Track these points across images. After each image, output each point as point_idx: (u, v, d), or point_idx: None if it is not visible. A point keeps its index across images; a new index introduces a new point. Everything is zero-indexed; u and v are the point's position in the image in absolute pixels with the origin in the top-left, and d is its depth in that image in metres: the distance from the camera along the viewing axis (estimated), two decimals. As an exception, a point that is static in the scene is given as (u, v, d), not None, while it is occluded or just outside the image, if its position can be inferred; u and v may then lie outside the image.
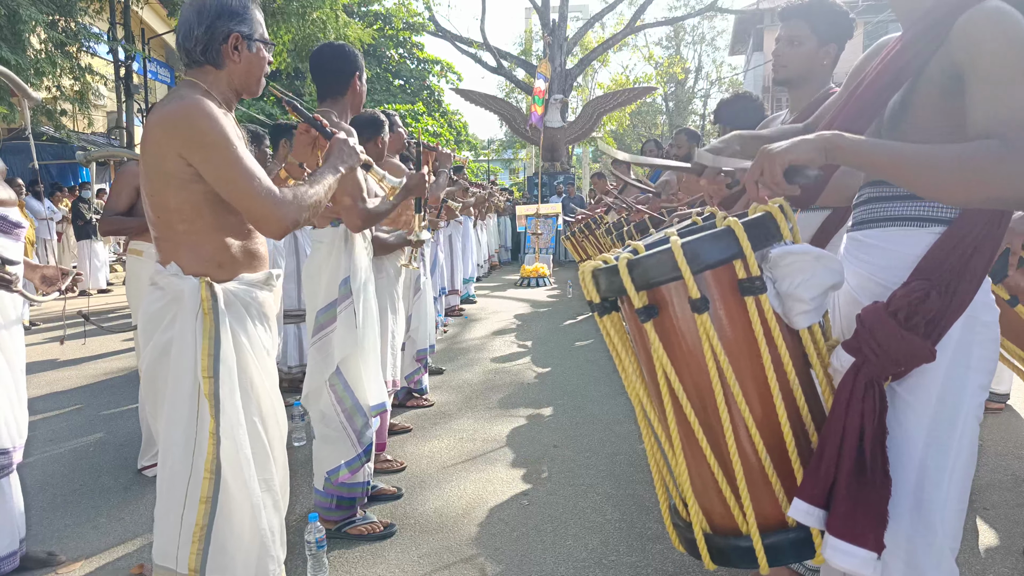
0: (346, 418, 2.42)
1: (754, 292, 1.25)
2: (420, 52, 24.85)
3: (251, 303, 1.70)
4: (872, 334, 1.22)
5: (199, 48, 1.61)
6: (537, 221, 11.12)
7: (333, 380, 2.41)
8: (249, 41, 1.65)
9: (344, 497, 2.48)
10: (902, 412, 1.27)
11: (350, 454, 2.43)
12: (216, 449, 1.56)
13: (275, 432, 1.76)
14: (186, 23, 1.62)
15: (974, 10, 1.17)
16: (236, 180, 1.52)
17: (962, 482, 1.25)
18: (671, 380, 1.31)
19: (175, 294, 1.61)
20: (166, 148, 1.54)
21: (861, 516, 1.18)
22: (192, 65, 1.65)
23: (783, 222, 1.30)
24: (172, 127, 1.53)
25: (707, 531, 1.39)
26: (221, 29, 1.61)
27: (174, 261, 1.62)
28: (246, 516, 1.62)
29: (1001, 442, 3.22)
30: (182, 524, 1.57)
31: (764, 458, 1.28)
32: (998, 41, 1.13)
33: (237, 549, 1.60)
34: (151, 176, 1.60)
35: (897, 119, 1.32)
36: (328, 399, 2.42)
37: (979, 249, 1.22)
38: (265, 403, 1.72)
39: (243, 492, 1.61)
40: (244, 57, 1.66)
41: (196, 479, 1.57)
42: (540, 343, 5.99)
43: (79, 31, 9.45)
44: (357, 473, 2.48)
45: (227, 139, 1.52)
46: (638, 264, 1.28)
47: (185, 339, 1.59)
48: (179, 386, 1.59)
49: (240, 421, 1.61)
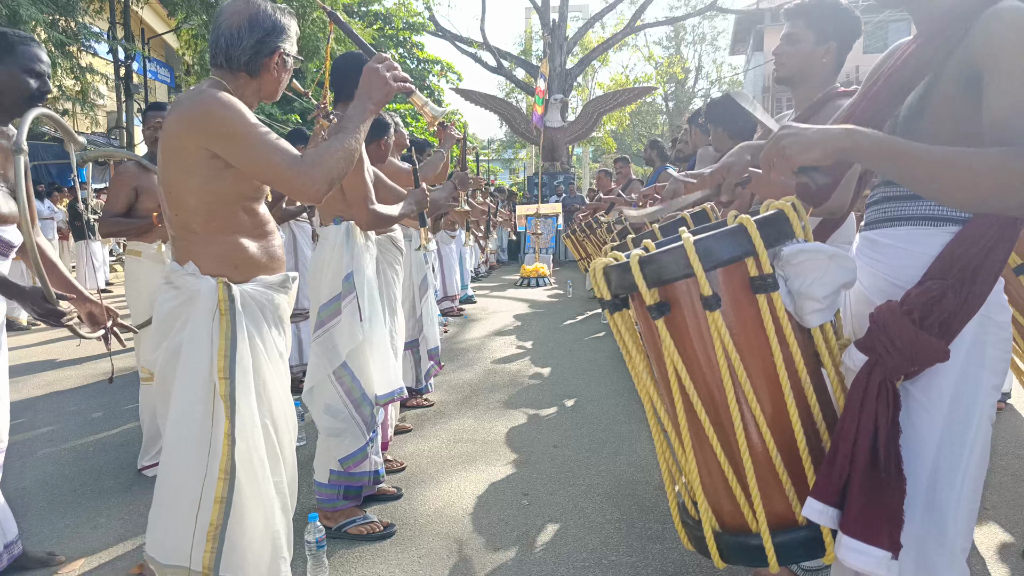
0: (355, 408, 2.46)
1: (766, 290, 1.25)
2: (420, 52, 24.84)
3: (267, 305, 1.70)
4: (887, 333, 1.22)
5: (243, 57, 1.63)
6: (537, 221, 11.13)
7: (340, 372, 2.44)
8: (287, 57, 1.72)
9: (352, 487, 2.52)
10: (915, 412, 1.26)
11: (360, 442, 2.48)
12: (231, 450, 1.57)
13: (286, 435, 1.77)
14: (235, 30, 1.62)
15: (997, 8, 1.15)
16: (261, 159, 1.53)
17: (974, 482, 1.25)
18: (682, 378, 1.31)
19: (191, 294, 1.61)
20: (187, 142, 1.55)
21: (876, 515, 1.18)
22: (224, 67, 1.66)
23: (796, 220, 1.29)
24: (194, 121, 1.54)
25: (716, 529, 1.39)
26: (270, 44, 1.65)
27: (192, 260, 1.63)
28: (259, 517, 1.62)
29: (1001, 442, 3.22)
30: (196, 523, 1.58)
31: (775, 456, 1.28)
32: (1020, 43, 1.11)
33: (249, 549, 1.61)
34: (170, 174, 1.60)
35: (912, 118, 1.31)
36: (334, 392, 2.44)
37: (994, 249, 1.21)
38: (277, 406, 1.73)
39: (256, 494, 1.61)
40: (279, 71, 1.71)
41: (211, 480, 1.57)
42: (540, 343, 5.99)
43: (79, 31, 9.45)
44: (364, 462, 2.52)
45: (247, 122, 1.54)
46: (650, 261, 1.28)
47: (199, 340, 1.59)
48: (192, 386, 1.59)
49: (256, 423, 1.62)
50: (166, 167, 1.61)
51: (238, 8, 1.64)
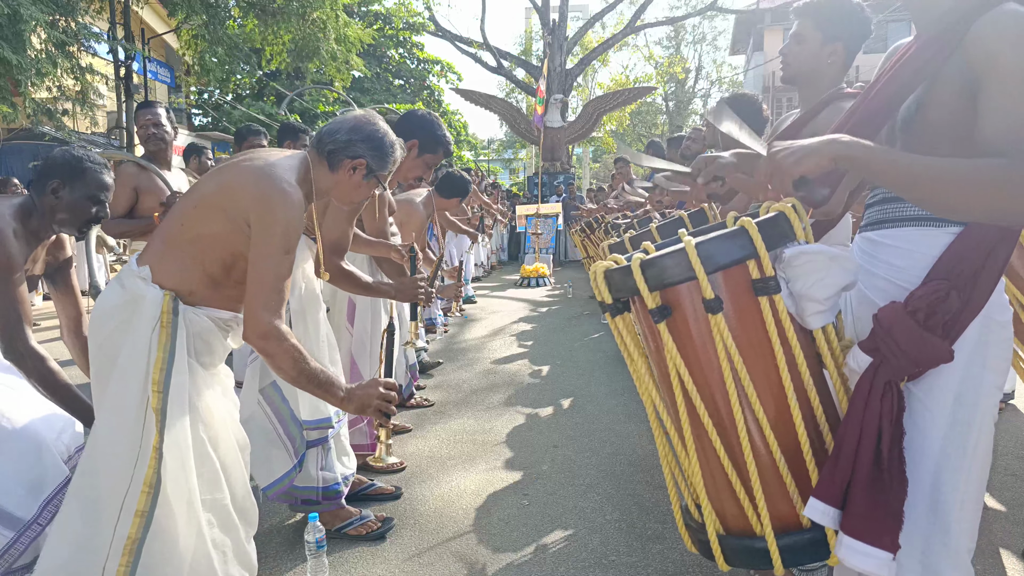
0: (283, 429, 2.34)
1: (768, 292, 1.25)
2: (420, 52, 24.84)
3: (210, 336, 1.70)
4: (891, 334, 1.22)
5: (329, 147, 1.74)
6: (537, 221, 11.12)
7: (270, 392, 2.34)
8: (369, 173, 1.79)
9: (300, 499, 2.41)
10: (918, 412, 1.26)
11: (287, 466, 2.33)
12: (158, 464, 1.53)
13: (230, 455, 1.75)
14: (341, 124, 1.76)
15: (994, 13, 1.14)
16: (264, 275, 1.57)
17: (978, 483, 1.25)
18: (684, 381, 1.31)
19: (134, 297, 1.60)
20: (242, 196, 1.59)
21: (878, 516, 1.18)
22: (315, 148, 1.77)
23: (796, 222, 1.29)
24: (264, 196, 1.58)
25: (721, 532, 1.38)
26: (356, 149, 1.75)
27: (148, 266, 1.62)
28: (189, 533, 1.58)
29: (1001, 442, 3.21)
30: (114, 535, 1.53)
31: (778, 458, 1.28)
32: (1017, 50, 1.10)
33: (169, 566, 1.56)
34: (210, 199, 1.63)
35: (910, 121, 1.31)
36: (262, 411, 2.33)
37: (996, 249, 1.21)
38: (218, 425, 1.71)
39: (185, 509, 1.57)
40: (356, 180, 1.78)
41: (134, 491, 1.53)
42: (540, 343, 5.99)
43: (79, 31, 9.45)
44: (304, 478, 2.38)
45: (288, 243, 1.59)
46: (652, 264, 1.28)
47: (137, 348, 1.56)
48: (126, 395, 1.56)
49: (187, 441, 1.58)
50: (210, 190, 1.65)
51: (359, 115, 1.79)
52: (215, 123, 19.52)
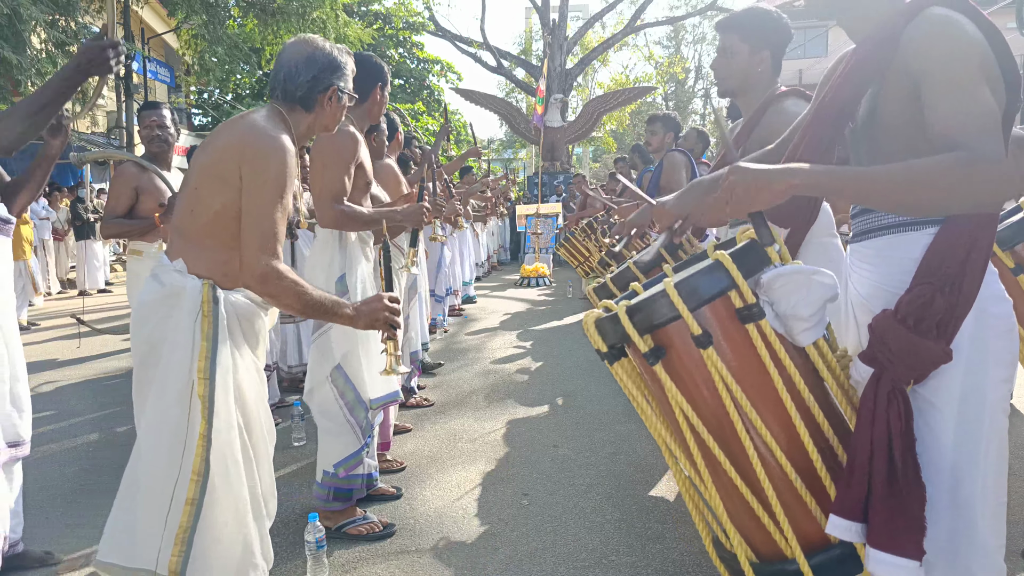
0: (348, 411, 2.45)
1: (754, 319, 1.26)
2: (420, 52, 24.85)
3: (248, 317, 1.71)
4: (885, 343, 1.23)
5: (299, 92, 1.74)
6: (537, 221, 11.11)
7: (335, 375, 2.43)
8: (341, 93, 1.81)
9: (341, 488, 2.50)
10: (927, 413, 1.26)
11: (354, 446, 2.48)
12: (206, 452, 1.55)
13: (260, 443, 1.76)
14: (292, 66, 1.74)
15: (920, 19, 1.20)
16: (259, 218, 1.58)
17: (997, 477, 1.24)
18: (689, 417, 1.32)
19: (174, 290, 1.61)
20: (232, 154, 1.60)
21: (899, 526, 1.17)
22: (280, 99, 1.75)
23: (770, 248, 1.31)
24: (250, 148, 1.60)
25: (753, 560, 1.38)
26: (324, 81, 1.75)
27: (182, 258, 1.64)
28: (230, 520, 1.60)
29: (1001, 442, 3.21)
30: (166, 525, 1.55)
31: (794, 479, 1.28)
32: (944, 49, 1.16)
33: (217, 553, 1.59)
34: (204, 172, 1.64)
35: (867, 127, 1.35)
36: (330, 394, 2.44)
37: (976, 242, 1.22)
38: (252, 414, 1.72)
39: (229, 496, 1.59)
40: (333, 106, 1.81)
41: (184, 480, 1.55)
42: (540, 343, 5.99)
43: (79, 30, 9.45)
44: (359, 466, 2.51)
45: (283, 188, 1.60)
46: (638, 309, 1.31)
47: (180, 339, 1.58)
48: (170, 386, 1.58)
49: (232, 425, 1.61)
50: (203, 166, 1.65)
51: (298, 46, 1.76)
52: (215, 123, 19.52)
